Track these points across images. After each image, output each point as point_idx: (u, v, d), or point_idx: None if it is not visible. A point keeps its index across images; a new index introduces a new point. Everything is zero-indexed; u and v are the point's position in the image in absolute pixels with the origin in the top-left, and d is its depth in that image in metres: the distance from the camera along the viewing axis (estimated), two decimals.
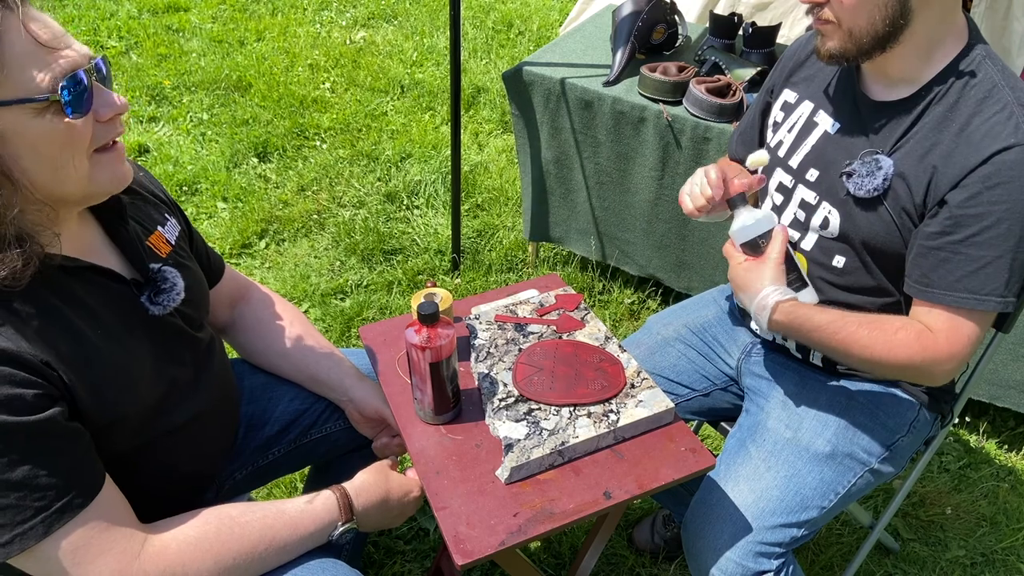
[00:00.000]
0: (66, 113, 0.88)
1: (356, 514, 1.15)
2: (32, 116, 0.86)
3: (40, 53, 0.86)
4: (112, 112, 0.93)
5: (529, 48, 4.40)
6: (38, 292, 0.94)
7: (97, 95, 0.92)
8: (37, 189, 0.90)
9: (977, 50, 1.17)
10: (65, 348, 0.95)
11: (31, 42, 0.85)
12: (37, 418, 0.89)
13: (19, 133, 0.86)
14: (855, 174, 1.23)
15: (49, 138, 0.88)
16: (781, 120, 1.42)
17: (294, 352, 1.38)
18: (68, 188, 0.93)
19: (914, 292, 1.21)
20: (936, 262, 1.17)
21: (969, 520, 2.02)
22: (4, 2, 0.83)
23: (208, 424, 1.22)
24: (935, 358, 1.18)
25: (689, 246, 2.32)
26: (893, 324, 1.20)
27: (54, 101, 0.87)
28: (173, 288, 1.11)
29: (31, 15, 0.86)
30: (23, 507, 0.89)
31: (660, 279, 2.48)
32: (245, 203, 3.09)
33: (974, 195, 1.11)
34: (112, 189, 0.99)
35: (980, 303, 1.15)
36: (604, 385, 1.24)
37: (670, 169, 2.19)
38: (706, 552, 1.30)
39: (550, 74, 2.27)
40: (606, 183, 2.37)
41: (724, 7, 3.20)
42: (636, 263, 2.50)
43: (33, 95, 0.85)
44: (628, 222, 2.42)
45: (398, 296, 2.66)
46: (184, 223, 1.28)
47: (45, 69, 0.86)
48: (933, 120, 1.18)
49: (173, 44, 4.29)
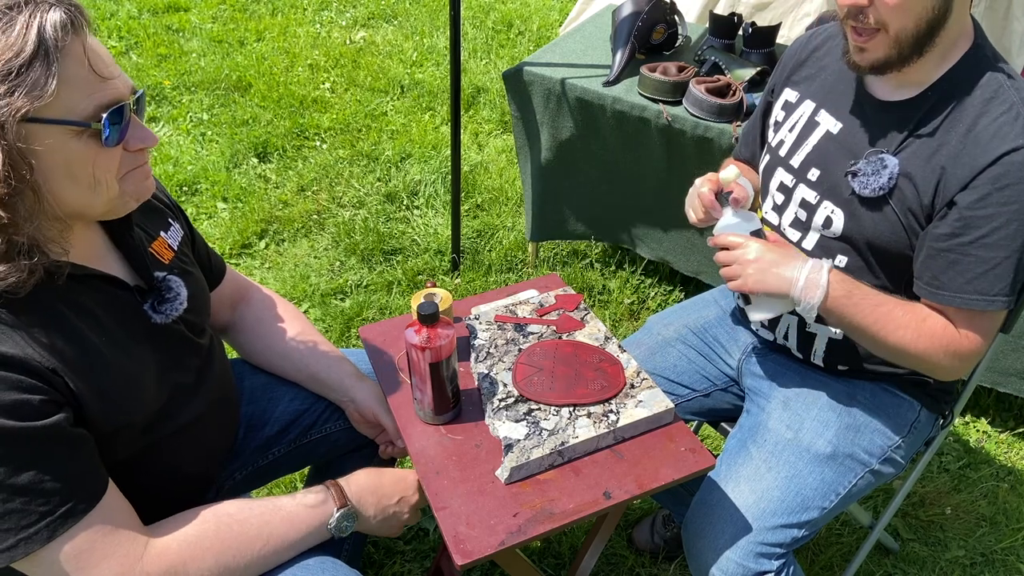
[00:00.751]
0: (102, 141, 0.91)
1: (350, 498, 1.16)
2: (70, 137, 0.89)
3: (92, 80, 0.89)
4: (142, 145, 0.97)
5: (529, 48, 4.40)
6: (45, 299, 0.94)
7: (132, 128, 0.95)
8: (60, 205, 0.92)
9: (984, 50, 1.17)
10: (71, 355, 0.95)
11: (87, 68, 0.88)
12: (43, 424, 0.89)
13: (55, 151, 0.88)
14: (860, 173, 1.23)
15: (81, 160, 0.90)
16: (782, 119, 1.42)
17: (295, 352, 1.39)
18: (96, 207, 0.96)
19: (925, 294, 1.21)
20: (946, 264, 1.17)
21: (969, 520, 2.02)
22: (74, 25, 0.87)
23: (209, 425, 1.22)
24: (956, 351, 1.19)
25: (695, 234, 2.34)
26: (921, 311, 1.21)
27: (95, 129, 0.89)
28: (177, 298, 1.12)
29: (90, 42, 0.89)
30: (28, 512, 0.89)
31: (670, 262, 2.49)
32: (245, 203, 3.09)
33: (984, 196, 1.11)
34: (137, 203, 1.02)
35: (990, 304, 1.15)
36: (604, 385, 1.24)
37: (676, 163, 2.19)
38: (707, 552, 1.30)
39: (550, 74, 2.27)
40: (613, 171, 2.38)
41: (724, 7, 3.20)
42: (647, 246, 2.51)
43: (77, 118, 0.88)
44: (638, 208, 2.43)
45: (398, 296, 2.66)
46: (187, 226, 1.28)
47: (93, 96, 0.89)
48: (938, 120, 1.18)
49: (173, 44, 4.29)
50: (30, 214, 0.88)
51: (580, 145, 2.35)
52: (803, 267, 1.19)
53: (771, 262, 1.21)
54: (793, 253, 1.22)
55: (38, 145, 0.86)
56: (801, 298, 1.19)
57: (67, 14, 0.86)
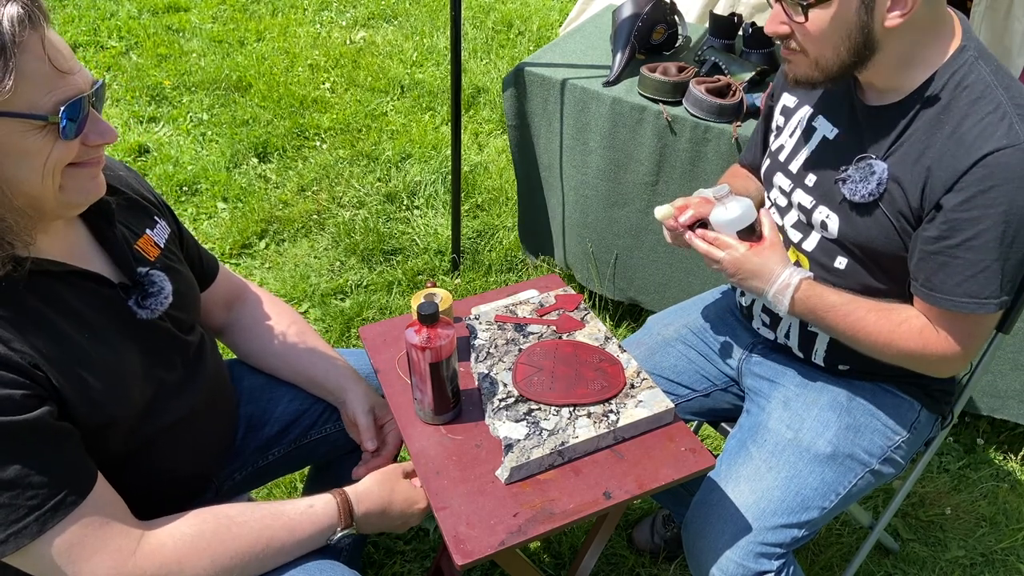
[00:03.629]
0: (60, 135, 0.90)
1: (356, 520, 1.15)
2: (27, 130, 0.88)
3: (51, 75, 0.88)
4: (100, 141, 0.96)
5: (529, 48, 4.40)
6: (23, 296, 0.95)
7: (91, 122, 0.94)
8: (16, 196, 0.91)
9: (970, 51, 1.16)
10: (52, 351, 0.95)
11: (46, 63, 0.87)
12: (26, 417, 0.90)
13: (11, 143, 0.87)
14: (849, 179, 1.24)
15: (37, 152, 0.89)
16: (782, 124, 1.43)
17: (290, 354, 1.39)
18: (45, 197, 0.94)
19: (919, 295, 1.22)
20: (936, 267, 1.17)
21: (969, 520, 2.02)
22: (31, 20, 0.85)
23: (201, 425, 1.22)
24: (936, 353, 1.21)
25: (677, 260, 2.29)
26: (900, 315, 1.22)
27: (53, 123, 0.89)
28: (160, 292, 1.11)
29: (50, 36, 0.89)
30: (16, 506, 0.90)
31: (640, 303, 2.44)
32: (245, 203, 3.09)
33: (969, 199, 1.11)
34: (84, 202, 1.00)
35: (981, 307, 1.15)
36: (604, 385, 1.24)
37: (665, 174, 2.17)
38: (707, 552, 1.30)
39: (550, 74, 2.27)
40: (591, 196, 2.32)
41: (724, 7, 3.20)
42: (616, 286, 2.45)
43: (35, 112, 0.87)
44: (610, 240, 2.36)
45: (398, 296, 2.66)
46: (175, 225, 1.28)
47: (52, 91, 0.88)
48: (926, 123, 1.17)
49: (173, 44, 4.29)
50: None
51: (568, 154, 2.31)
52: (772, 285, 1.26)
53: (751, 272, 1.28)
54: (774, 260, 1.26)
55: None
56: (772, 305, 1.28)
57: (24, 8, 0.84)
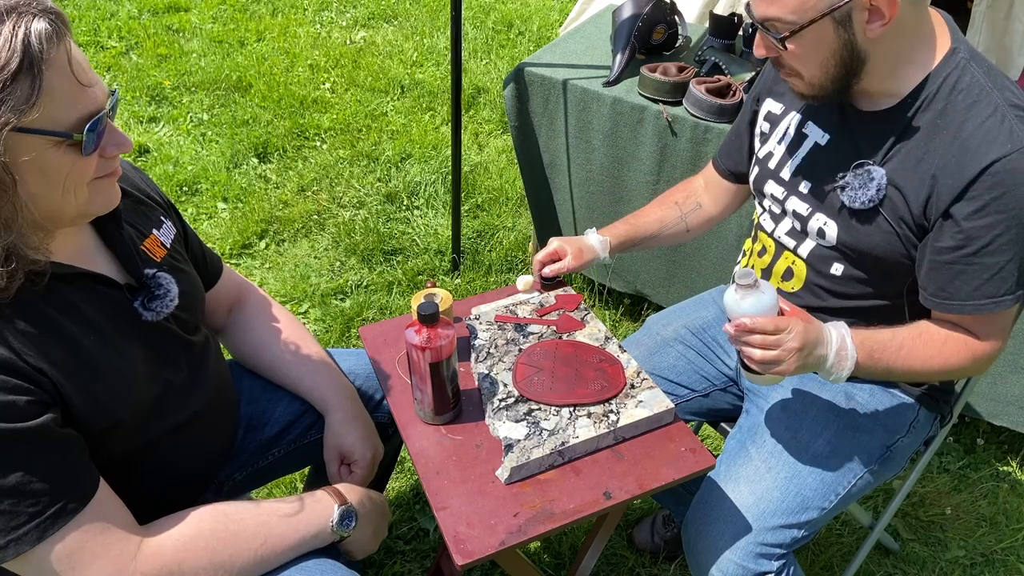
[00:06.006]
0: (82, 151, 0.90)
1: (350, 500, 1.16)
2: (50, 147, 0.88)
3: (74, 89, 0.88)
4: (118, 152, 0.97)
5: (529, 48, 4.40)
6: (30, 300, 0.94)
7: (109, 134, 0.95)
8: (37, 210, 0.91)
9: (961, 53, 1.16)
10: (58, 354, 0.95)
11: (70, 78, 0.87)
12: (29, 424, 0.89)
13: (34, 159, 0.87)
14: (848, 187, 1.23)
15: (59, 167, 0.90)
16: (768, 131, 1.41)
17: (279, 361, 1.38)
18: (66, 211, 0.95)
19: (933, 305, 1.22)
20: (952, 275, 1.17)
21: (969, 520, 2.02)
22: (57, 34, 0.85)
23: (204, 425, 1.22)
24: (984, 356, 1.22)
25: (680, 258, 2.30)
26: (938, 335, 1.22)
27: (77, 140, 0.89)
28: (167, 295, 1.11)
29: (72, 51, 0.88)
30: (17, 513, 0.89)
31: (647, 295, 2.47)
32: (245, 203, 3.09)
33: (981, 207, 1.11)
34: (102, 212, 1.01)
35: (999, 304, 1.16)
36: (604, 385, 1.24)
37: (666, 174, 2.18)
38: (707, 552, 1.30)
39: (550, 75, 2.27)
40: (596, 192, 2.35)
41: (724, 7, 3.19)
42: (623, 279, 2.48)
43: (58, 129, 0.87)
44: None
45: (398, 296, 2.66)
46: (180, 225, 1.28)
47: (75, 107, 0.88)
48: (922, 128, 1.17)
49: (173, 44, 4.29)
50: (9, 223, 0.87)
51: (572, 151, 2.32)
52: (831, 344, 1.15)
53: (812, 343, 1.14)
54: (818, 326, 1.16)
55: (21, 156, 0.85)
56: (832, 371, 1.17)
57: (51, 24, 0.84)
